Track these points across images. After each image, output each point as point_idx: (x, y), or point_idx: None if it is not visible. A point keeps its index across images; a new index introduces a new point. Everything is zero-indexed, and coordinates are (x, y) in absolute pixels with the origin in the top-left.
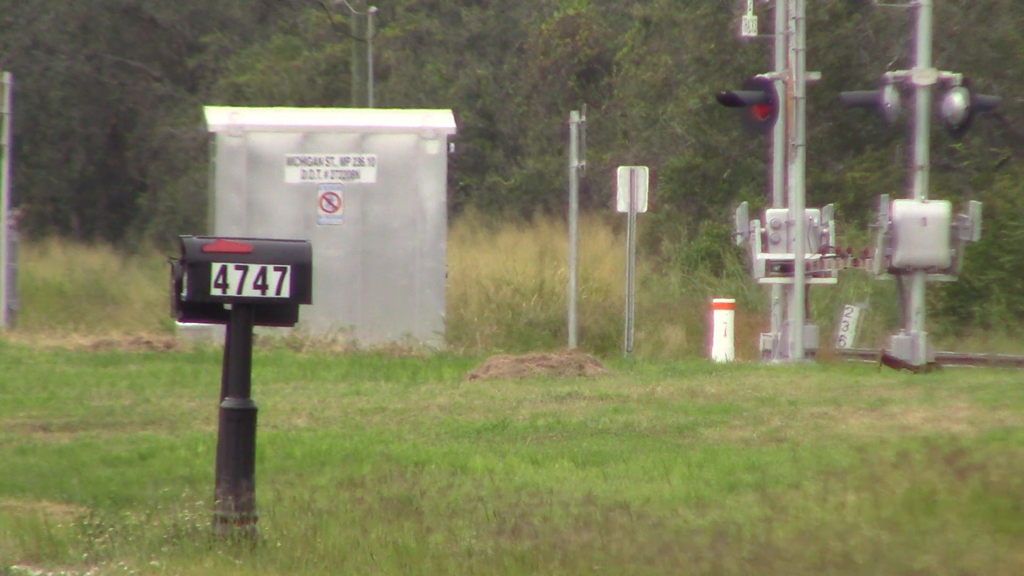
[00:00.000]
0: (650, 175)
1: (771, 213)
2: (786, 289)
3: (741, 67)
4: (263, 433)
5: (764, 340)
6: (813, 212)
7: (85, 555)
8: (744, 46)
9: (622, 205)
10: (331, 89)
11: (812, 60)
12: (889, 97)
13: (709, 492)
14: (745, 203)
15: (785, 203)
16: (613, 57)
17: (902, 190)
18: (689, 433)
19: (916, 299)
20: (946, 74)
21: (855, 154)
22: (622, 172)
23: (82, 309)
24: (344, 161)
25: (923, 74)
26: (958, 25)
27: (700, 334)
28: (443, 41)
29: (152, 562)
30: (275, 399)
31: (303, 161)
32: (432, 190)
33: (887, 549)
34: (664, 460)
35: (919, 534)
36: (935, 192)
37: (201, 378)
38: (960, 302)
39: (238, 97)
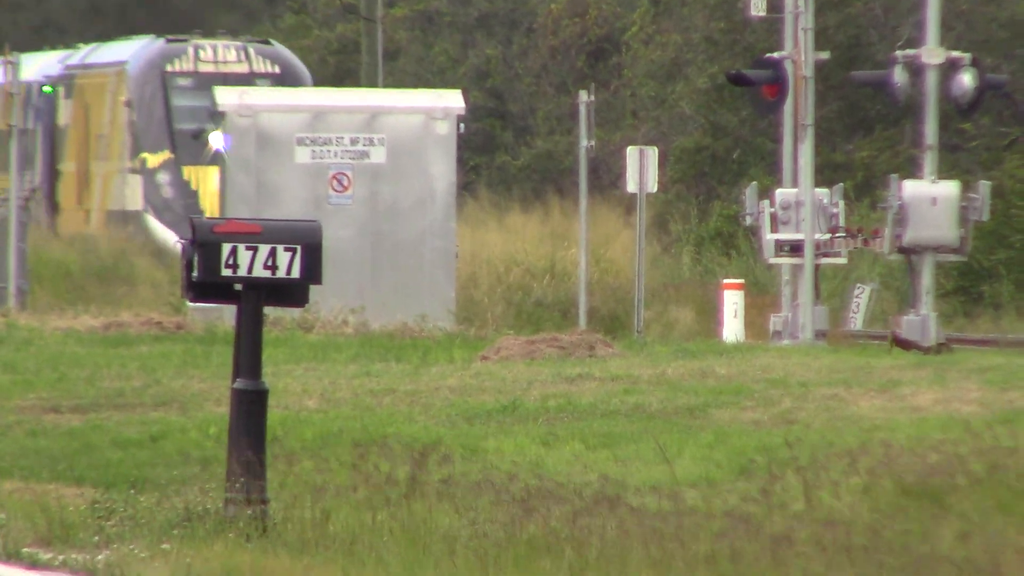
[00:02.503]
0: (660, 155)
1: (781, 193)
2: (796, 269)
3: (750, 46)
4: (274, 414)
5: (774, 321)
6: (823, 192)
7: (96, 538)
8: (753, 25)
9: (631, 185)
10: (342, 69)
11: (821, 39)
12: (898, 77)
13: (720, 474)
14: (755, 183)
15: (795, 183)
16: (622, 37)
17: (911, 170)
18: (700, 414)
19: (926, 279)
20: (955, 53)
21: (865, 134)
22: (631, 152)
23: (92, 290)
24: (354, 141)
25: (932, 53)
26: (967, 4)
27: (710, 315)
28: (452, 21)
29: (163, 545)
30: (286, 380)
31: (313, 141)
32: (442, 170)
33: (894, 535)
34: (675, 442)
35: (929, 519)
36: (945, 172)
37: (212, 359)
38: (970, 282)
39: None
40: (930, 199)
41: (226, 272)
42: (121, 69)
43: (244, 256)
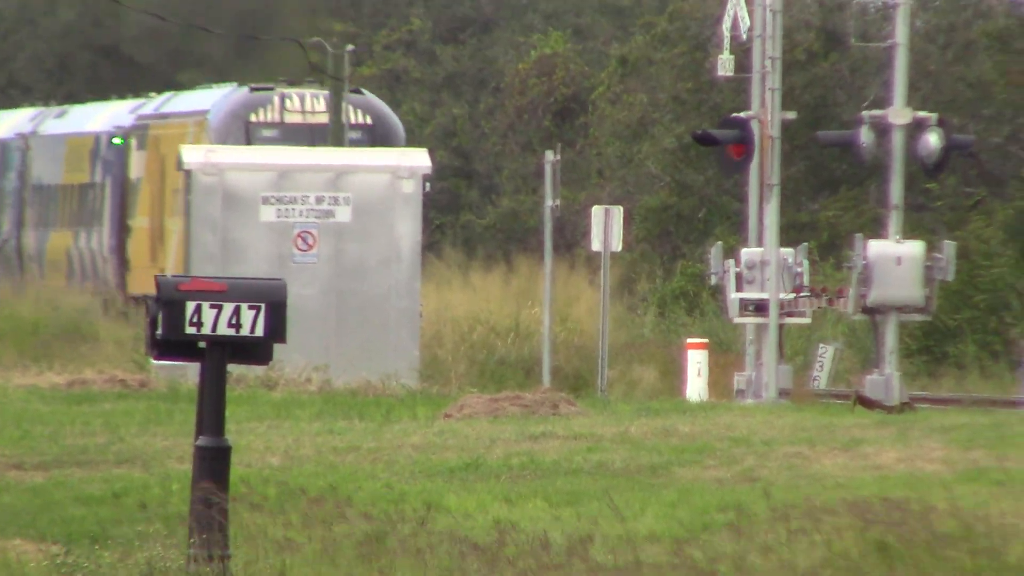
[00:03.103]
0: (625, 214)
1: (746, 252)
2: (760, 329)
3: (717, 106)
4: (237, 471)
5: (738, 380)
6: (788, 252)
7: None
8: (720, 85)
9: (596, 244)
10: None
11: (788, 99)
12: (865, 137)
13: (683, 532)
14: (720, 242)
15: (760, 242)
16: (589, 96)
17: (876, 230)
18: (663, 472)
19: (890, 339)
20: (922, 114)
21: (830, 194)
22: (596, 211)
23: (56, 347)
24: (319, 200)
25: (899, 114)
26: (935, 64)
27: (674, 374)
28: (420, 80)
29: None
30: (249, 438)
31: (278, 200)
32: (407, 229)
33: None
34: (638, 499)
35: None
36: (909, 232)
37: (175, 416)
38: (934, 342)
39: None
40: (895, 259)
41: (190, 330)
42: (202, 119)
43: (208, 314)
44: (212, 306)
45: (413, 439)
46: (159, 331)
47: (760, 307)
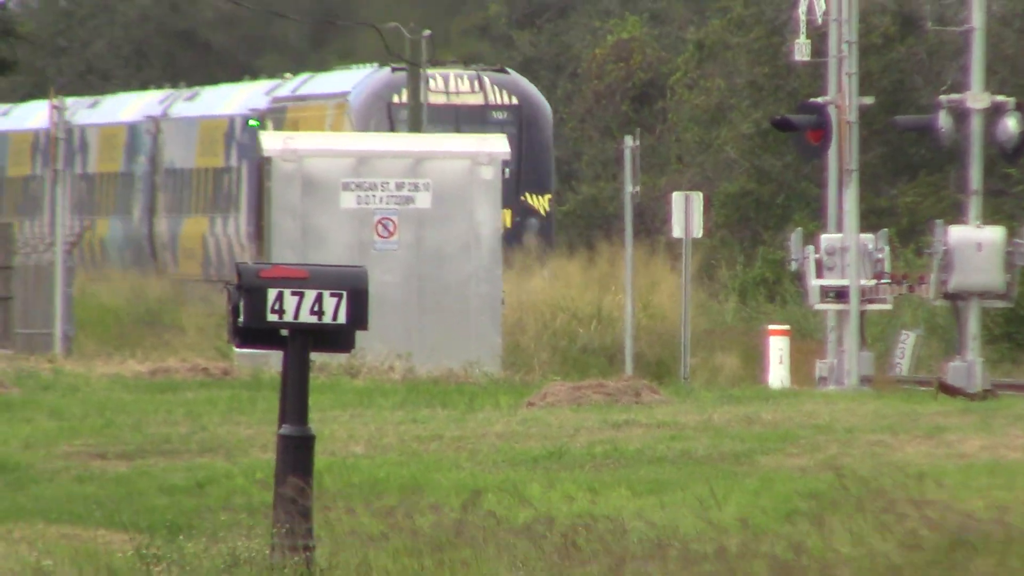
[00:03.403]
0: (704, 200)
1: (825, 238)
2: (841, 315)
3: (794, 91)
4: (321, 460)
5: (820, 367)
6: (868, 237)
7: None
8: (797, 70)
9: (677, 231)
10: None
11: (865, 84)
12: (943, 121)
13: (766, 520)
14: (799, 228)
15: (839, 228)
16: (667, 81)
17: (956, 215)
18: (746, 461)
19: (972, 325)
20: (1000, 98)
21: (909, 179)
22: (677, 197)
23: (139, 335)
24: (399, 186)
25: (977, 98)
26: (1012, 48)
27: (756, 361)
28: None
29: None
30: (332, 426)
31: (358, 186)
32: (487, 215)
33: None
34: (721, 488)
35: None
36: (989, 217)
37: (258, 405)
38: (1016, 328)
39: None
40: (975, 244)
41: (272, 317)
42: (342, 101)
43: (290, 301)
44: (294, 293)
45: (496, 428)
46: (241, 319)
47: (841, 294)
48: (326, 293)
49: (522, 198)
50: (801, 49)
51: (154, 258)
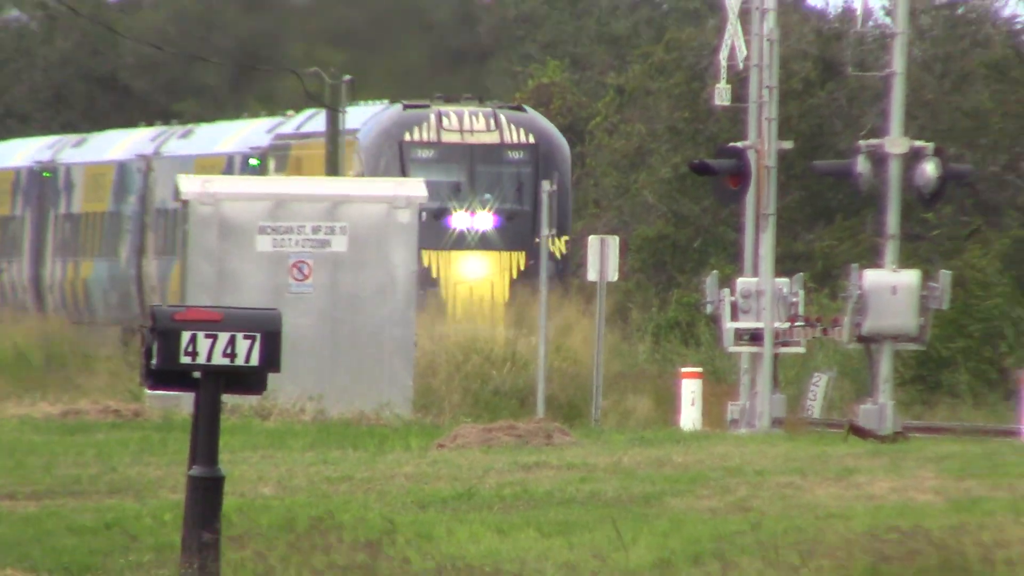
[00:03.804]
0: (621, 244)
1: (741, 282)
2: (755, 358)
3: (714, 136)
4: (230, 501)
5: (732, 409)
6: (783, 281)
7: None
8: (717, 115)
9: (592, 274)
10: None
11: (785, 129)
12: (861, 166)
13: (675, 561)
14: (715, 272)
15: (755, 272)
16: (586, 126)
17: (872, 259)
18: (655, 503)
19: (884, 368)
20: (919, 143)
21: (826, 223)
22: (593, 241)
23: (50, 377)
24: (315, 230)
25: (896, 143)
26: (932, 94)
27: (668, 403)
28: None
29: None
30: (242, 467)
31: (274, 230)
32: (402, 259)
33: None
34: (630, 529)
35: None
36: (905, 261)
37: (169, 446)
38: (928, 371)
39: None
40: (890, 288)
41: (185, 359)
42: (351, 139)
43: (204, 344)
44: (207, 336)
45: (406, 469)
46: (154, 361)
47: (755, 336)
48: (239, 335)
49: (537, 240)
50: (721, 94)
51: (140, 299)
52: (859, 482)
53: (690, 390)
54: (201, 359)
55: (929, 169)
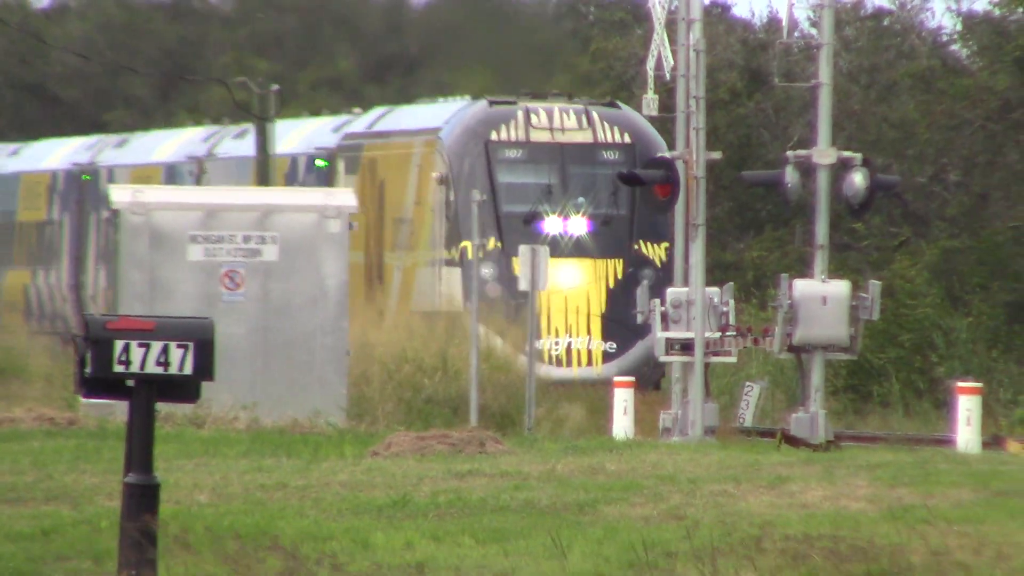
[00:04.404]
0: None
1: (671, 292)
2: (686, 367)
3: None
4: (165, 509)
5: (664, 418)
6: (713, 291)
7: None
8: None
9: (523, 284)
10: None
11: (713, 139)
12: (790, 177)
13: (609, 569)
14: (646, 282)
15: (685, 282)
16: None
17: (802, 269)
18: (590, 510)
19: (816, 377)
20: (847, 154)
21: (755, 233)
22: (523, 251)
23: None
24: (247, 239)
25: (824, 154)
26: (859, 104)
27: (601, 412)
28: None
29: None
30: (177, 475)
31: (206, 239)
32: (334, 268)
33: None
34: (565, 537)
35: None
36: (835, 271)
37: (104, 454)
38: (860, 380)
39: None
40: (820, 298)
41: (118, 368)
42: (432, 138)
43: (137, 352)
44: (140, 344)
45: (341, 477)
46: (88, 369)
47: (686, 346)
48: (172, 344)
49: (636, 247)
50: (649, 104)
51: None
52: (792, 490)
53: (622, 399)
54: (134, 368)
55: (857, 180)
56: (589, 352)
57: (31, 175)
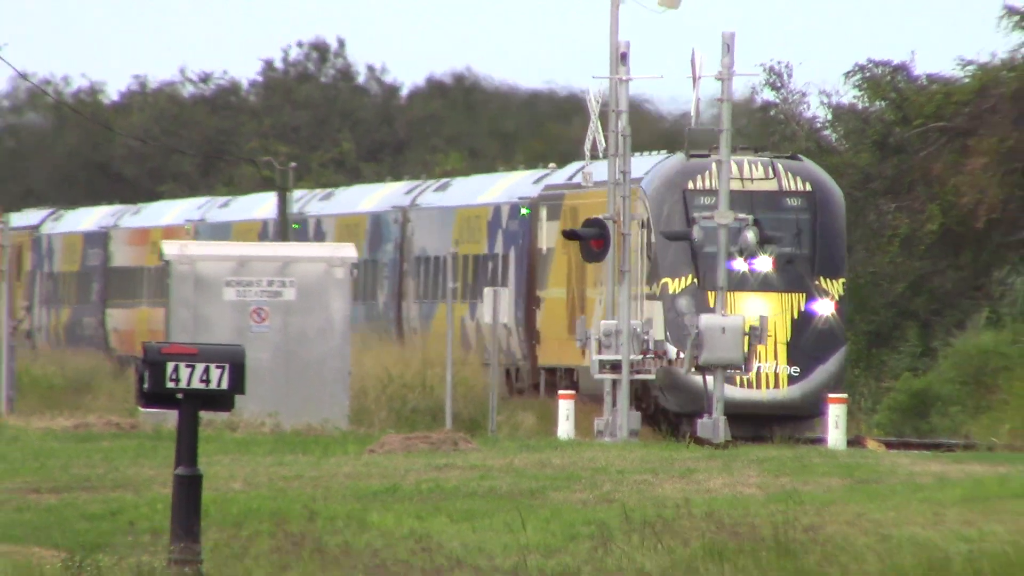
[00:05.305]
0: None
1: (603, 323)
2: (615, 383)
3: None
4: (207, 495)
5: (598, 423)
6: (636, 322)
7: None
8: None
9: (487, 317)
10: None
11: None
12: (697, 233)
13: (555, 541)
14: (583, 316)
15: (615, 315)
16: None
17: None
18: (540, 495)
19: (717, 391)
20: (741, 216)
21: None
22: (487, 292)
23: (66, 398)
24: (270, 283)
25: (723, 215)
26: None
27: (549, 418)
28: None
29: None
30: (216, 468)
31: (238, 283)
32: (339, 306)
33: None
34: (520, 516)
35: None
36: (732, 307)
37: (159, 452)
38: None
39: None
40: (720, 328)
41: (170, 384)
42: (634, 187)
43: (184, 372)
44: (187, 366)
45: (344, 469)
46: (146, 385)
47: (615, 366)
48: (212, 366)
49: (816, 282)
50: (587, 177)
51: (400, 339)
52: (699, 479)
53: (566, 408)
54: (182, 384)
55: (749, 236)
56: (776, 375)
57: (241, 224)
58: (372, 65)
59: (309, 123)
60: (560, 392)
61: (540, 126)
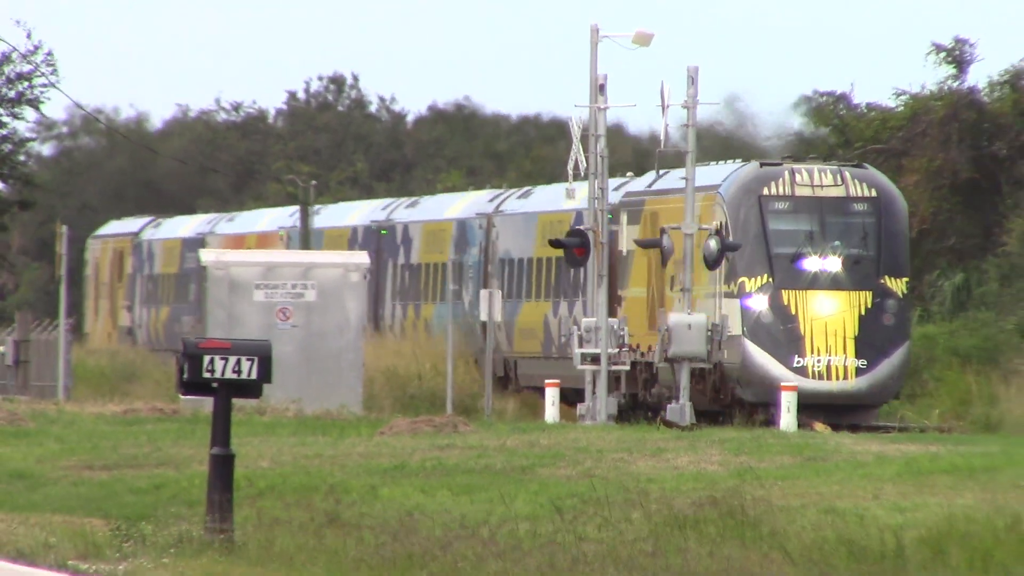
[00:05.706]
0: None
1: (585, 320)
2: (596, 373)
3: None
4: (238, 471)
5: (580, 408)
6: (614, 320)
7: (117, 555)
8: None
9: (483, 316)
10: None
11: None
12: (666, 241)
13: (542, 512)
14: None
15: (594, 314)
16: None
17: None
18: (529, 472)
19: (684, 379)
20: (705, 226)
21: None
22: (483, 293)
23: (116, 386)
24: (294, 286)
25: (690, 226)
26: None
27: (537, 404)
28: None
29: (163, 560)
30: (247, 448)
31: (266, 286)
32: (354, 306)
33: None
34: (512, 490)
35: (686, 540)
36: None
37: (197, 434)
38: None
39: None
40: (687, 325)
41: (206, 375)
42: (712, 193)
43: (219, 363)
44: (221, 358)
45: (359, 449)
46: (185, 375)
47: (595, 358)
48: (243, 358)
49: (881, 281)
50: (571, 193)
51: (483, 338)
52: (668, 457)
53: (552, 395)
54: (217, 374)
55: (712, 243)
56: (845, 368)
57: (333, 230)
58: (382, 96)
59: (328, 146)
60: (547, 381)
61: (528, 148)
